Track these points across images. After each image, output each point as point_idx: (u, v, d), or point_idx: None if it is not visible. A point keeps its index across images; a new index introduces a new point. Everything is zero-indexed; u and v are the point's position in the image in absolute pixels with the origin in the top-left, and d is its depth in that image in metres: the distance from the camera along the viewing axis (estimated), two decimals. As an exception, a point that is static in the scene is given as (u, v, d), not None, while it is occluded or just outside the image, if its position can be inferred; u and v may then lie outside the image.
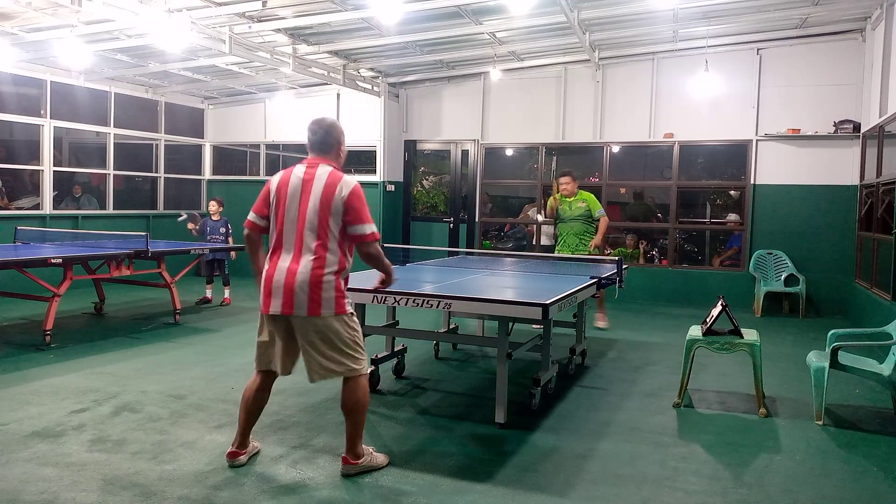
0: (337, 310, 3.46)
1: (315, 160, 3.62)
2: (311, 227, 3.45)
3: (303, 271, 3.42)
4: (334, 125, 3.71)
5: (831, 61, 9.41)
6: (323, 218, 3.45)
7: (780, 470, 3.86)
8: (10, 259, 6.29)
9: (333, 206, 3.45)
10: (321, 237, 3.45)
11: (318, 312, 3.43)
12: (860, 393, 5.41)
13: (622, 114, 10.46)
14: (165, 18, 7.04)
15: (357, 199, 3.49)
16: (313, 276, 3.42)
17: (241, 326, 7.73)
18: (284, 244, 3.51)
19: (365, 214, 3.51)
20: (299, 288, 3.41)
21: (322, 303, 3.43)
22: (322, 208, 3.45)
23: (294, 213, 3.50)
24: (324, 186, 3.48)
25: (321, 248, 3.44)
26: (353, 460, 3.61)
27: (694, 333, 5.02)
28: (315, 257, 3.44)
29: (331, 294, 3.44)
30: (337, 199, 3.46)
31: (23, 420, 4.37)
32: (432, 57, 10.15)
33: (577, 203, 7.71)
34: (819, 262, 9.55)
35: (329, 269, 3.45)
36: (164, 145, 12.06)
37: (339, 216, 3.47)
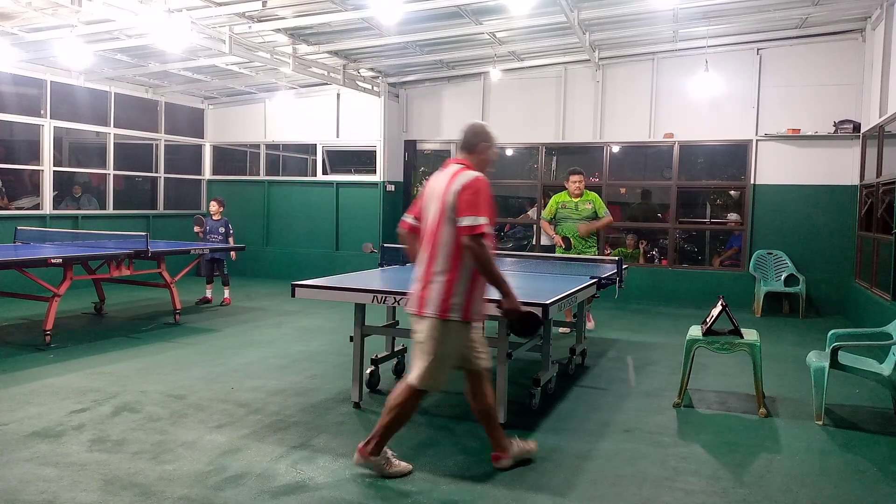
0: (439, 313, 3.41)
1: (454, 159, 3.62)
2: (431, 227, 3.48)
3: (419, 274, 3.49)
4: (480, 126, 3.65)
5: (831, 61, 9.41)
6: (440, 217, 3.41)
7: (780, 470, 3.86)
8: (10, 259, 6.29)
9: (447, 202, 3.37)
10: (436, 236, 3.43)
11: (422, 311, 3.45)
12: (860, 393, 5.41)
13: (622, 114, 10.46)
14: (165, 18, 7.04)
15: (468, 191, 3.33)
16: (424, 278, 3.46)
17: (241, 326, 7.73)
18: (422, 247, 3.56)
19: (473, 205, 3.30)
20: (415, 289, 3.51)
21: (427, 302, 3.43)
22: (441, 208, 3.40)
23: (427, 215, 3.55)
24: (445, 184, 3.43)
25: (435, 247, 3.43)
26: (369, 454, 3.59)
27: (694, 333, 5.01)
28: (428, 257, 3.45)
29: (437, 296, 3.40)
30: (451, 193, 3.37)
31: (23, 420, 4.37)
32: (432, 57, 10.15)
33: (583, 204, 7.58)
34: (819, 262, 9.55)
35: (438, 270, 3.41)
36: (164, 145, 12.06)
37: (451, 212, 3.36)
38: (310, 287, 4.69)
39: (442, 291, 3.39)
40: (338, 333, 7.26)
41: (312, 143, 12.08)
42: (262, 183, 12.40)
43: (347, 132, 11.79)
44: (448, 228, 3.37)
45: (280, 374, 5.67)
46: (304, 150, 12.51)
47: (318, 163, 12.00)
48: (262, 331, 7.52)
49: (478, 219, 3.30)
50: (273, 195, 12.33)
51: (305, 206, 12.10)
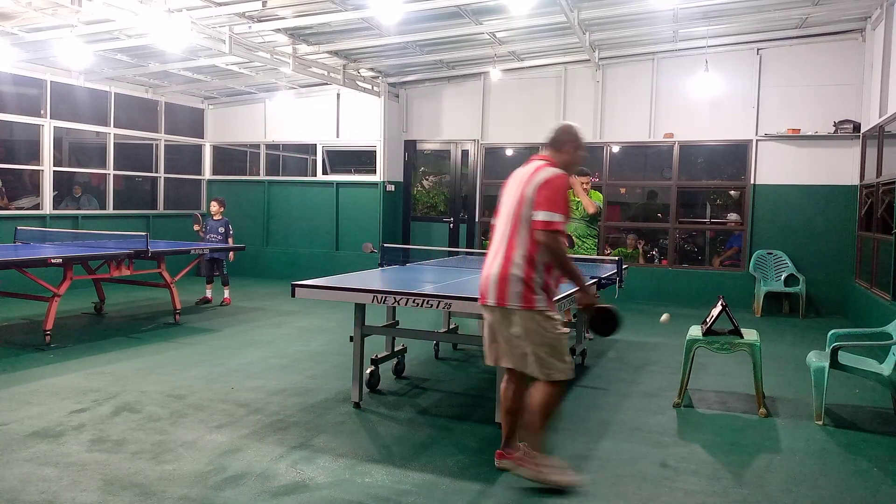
0: (524, 304, 3.38)
1: (538, 156, 3.62)
2: (507, 221, 3.47)
3: (494, 266, 3.46)
4: (571, 127, 3.64)
5: (831, 61, 9.41)
6: (518, 209, 3.40)
7: (780, 470, 3.86)
8: (10, 259, 6.29)
9: (526, 196, 3.37)
10: (512, 229, 3.42)
11: (504, 303, 3.41)
12: (860, 393, 5.41)
13: (622, 114, 10.46)
14: (165, 18, 7.04)
15: (548, 187, 3.34)
16: (501, 271, 3.42)
17: (241, 326, 7.73)
18: (494, 240, 3.58)
19: (552, 201, 3.31)
20: (493, 280, 3.45)
21: (509, 295, 3.39)
22: (519, 200, 3.40)
23: (502, 209, 3.56)
24: (526, 178, 3.44)
25: (511, 240, 3.42)
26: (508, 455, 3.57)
27: (694, 333, 5.02)
28: (506, 249, 3.43)
29: (518, 288, 3.37)
30: (531, 187, 3.37)
31: (23, 420, 4.37)
32: (432, 57, 10.15)
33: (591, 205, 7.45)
34: (819, 262, 9.55)
35: (516, 262, 3.38)
36: (164, 145, 12.06)
37: (530, 206, 3.36)
38: (310, 287, 4.69)
39: (523, 284, 3.37)
40: (338, 333, 7.26)
41: (312, 143, 12.08)
42: (262, 183, 12.40)
43: (347, 132, 11.79)
44: (526, 221, 3.37)
45: (280, 374, 5.67)
46: (304, 150, 12.51)
47: (318, 163, 12.01)
48: (262, 331, 7.52)
49: (554, 215, 3.32)
50: (273, 195, 12.33)
51: (305, 206, 12.10)
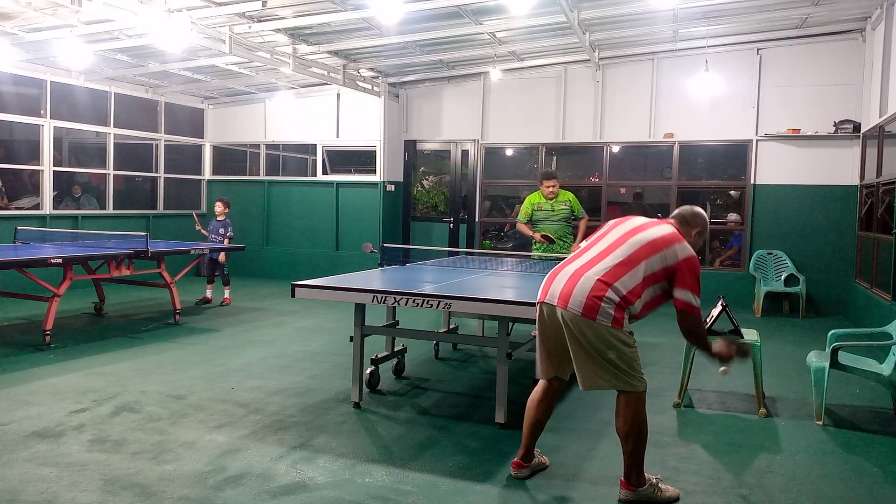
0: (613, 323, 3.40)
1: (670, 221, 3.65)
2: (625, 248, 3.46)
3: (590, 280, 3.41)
4: (703, 216, 3.75)
5: (831, 61, 9.41)
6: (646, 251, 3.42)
7: (780, 470, 3.86)
8: (10, 259, 6.28)
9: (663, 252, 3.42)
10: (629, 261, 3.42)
11: (591, 316, 3.38)
12: (860, 393, 5.41)
13: (622, 114, 10.46)
14: (165, 18, 7.04)
15: (693, 266, 3.49)
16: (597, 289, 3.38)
17: (241, 326, 7.73)
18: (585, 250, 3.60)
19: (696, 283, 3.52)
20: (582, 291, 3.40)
21: (599, 312, 3.37)
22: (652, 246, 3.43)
23: (619, 235, 3.54)
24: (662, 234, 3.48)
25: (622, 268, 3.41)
26: (632, 486, 3.44)
27: (694, 333, 5.00)
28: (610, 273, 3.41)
29: (610, 311, 3.38)
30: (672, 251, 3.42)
31: (23, 420, 4.37)
32: (432, 57, 10.15)
33: (559, 205, 7.35)
34: (819, 262, 9.55)
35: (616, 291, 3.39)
36: (164, 145, 12.06)
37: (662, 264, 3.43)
38: (310, 287, 4.69)
39: (616, 307, 3.37)
40: (338, 333, 7.26)
41: (312, 143, 12.08)
42: (262, 183, 12.40)
43: (347, 132, 11.79)
44: (649, 270, 3.39)
45: (280, 374, 5.67)
46: (304, 150, 12.51)
47: (318, 163, 12.00)
48: (262, 331, 7.52)
49: (698, 300, 3.48)
50: (273, 195, 12.33)
51: (305, 206, 12.10)
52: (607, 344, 3.38)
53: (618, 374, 3.44)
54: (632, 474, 3.44)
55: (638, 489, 3.42)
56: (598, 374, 3.44)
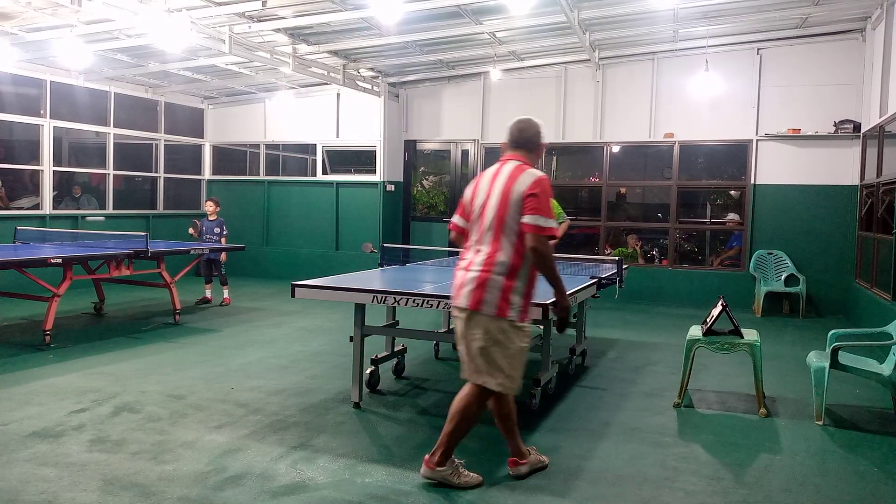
0: (497, 312, 3.31)
1: (507, 157, 3.53)
2: (489, 224, 3.37)
3: (473, 268, 3.37)
4: (528, 122, 3.57)
5: (831, 61, 9.41)
6: (500, 213, 3.32)
7: (780, 470, 3.86)
8: (10, 259, 6.28)
9: (512, 200, 3.30)
10: (496, 234, 3.34)
11: (478, 307, 3.32)
12: (860, 393, 5.41)
13: (622, 114, 10.46)
14: (165, 18, 7.04)
15: (537, 191, 3.29)
16: (480, 275, 3.33)
17: (241, 326, 7.73)
18: (470, 241, 3.49)
19: (542, 206, 3.28)
20: (469, 282, 3.36)
21: (484, 301, 3.31)
22: (501, 203, 3.32)
23: (478, 209, 3.44)
24: (506, 180, 3.36)
25: (494, 245, 3.34)
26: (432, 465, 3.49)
27: (694, 333, 5.01)
28: (488, 253, 3.34)
29: (494, 295, 3.30)
30: (516, 191, 3.30)
31: (23, 420, 4.37)
32: (432, 57, 10.15)
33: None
34: (819, 262, 9.55)
35: (497, 269, 3.31)
36: (163, 145, 12.06)
37: (517, 209, 3.29)
38: (310, 287, 4.69)
39: (502, 290, 3.30)
40: (338, 333, 7.26)
41: (312, 143, 12.07)
42: (262, 183, 12.40)
43: (347, 132, 11.78)
44: (512, 226, 3.30)
45: (280, 374, 5.66)
46: (304, 150, 12.51)
47: (318, 163, 12.00)
48: (262, 331, 7.51)
49: (547, 220, 3.29)
50: (273, 195, 12.32)
51: (305, 206, 12.10)
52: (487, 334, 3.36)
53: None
54: (438, 452, 3.47)
55: (436, 468, 3.47)
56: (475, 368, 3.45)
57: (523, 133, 3.53)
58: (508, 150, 3.55)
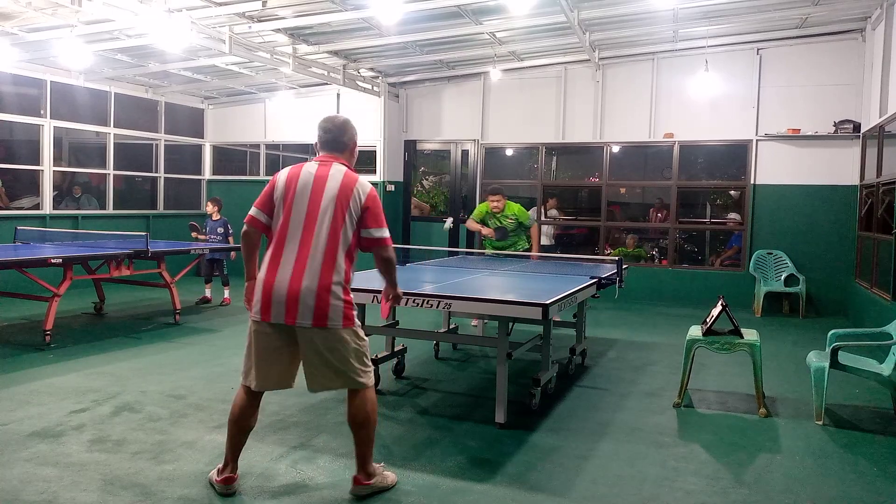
0: (344, 322, 3.20)
1: (327, 158, 3.37)
2: (321, 231, 3.18)
3: (309, 278, 3.15)
4: (347, 123, 3.47)
5: (831, 61, 9.41)
6: (336, 221, 3.19)
7: (780, 470, 3.86)
8: (10, 259, 6.28)
9: (350, 209, 3.21)
10: (331, 242, 3.18)
11: (324, 323, 3.16)
12: (860, 393, 5.41)
13: (622, 114, 10.46)
14: (165, 18, 7.04)
15: (375, 202, 3.28)
16: (321, 283, 3.15)
17: (241, 326, 7.72)
18: (287, 246, 3.21)
19: (382, 218, 3.30)
20: (304, 296, 3.14)
21: (329, 314, 3.16)
22: (337, 211, 3.19)
23: (302, 213, 3.21)
24: (339, 187, 3.22)
25: (331, 253, 3.17)
26: (366, 480, 3.35)
27: (694, 333, 5.01)
28: (323, 263, 3.16)
29: (339, 304, 3.18)
30: (354, 201, 3.22)
31: (23, 420, 4.37)
32: (432, 57, 10.15)
33: (506, 219, 7.60)
34: (819, 262, 9.55)
35: (337, 276, 3.18)
36: (164, 145, 12.06)
37: (354, 220, 3.23)
38: (310, 287, 4.68)
39: (344, 300, 3.20)
40: (338, 333, 7.24)
41: (312, 143, 12.04)
42: (263, 183, 12.34)
43: (347, 132, 11.75)
44: (347, 234, 3.22)
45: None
46: (304, 150, 12.51)
47: (318, 163, 11.98)
48: (262, 331, 7.50)
49: (386, 230, 3.32)
50: (273, 195, 12.30)
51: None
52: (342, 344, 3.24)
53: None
54: (367, 464, 3.35)
55: (372, 481, 3.36)
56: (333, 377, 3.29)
57: (343, 136, 3.44)
58: (328, 152, 3.42)
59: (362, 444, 3.34)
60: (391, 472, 3.54)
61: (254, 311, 3.27)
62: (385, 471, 3.50)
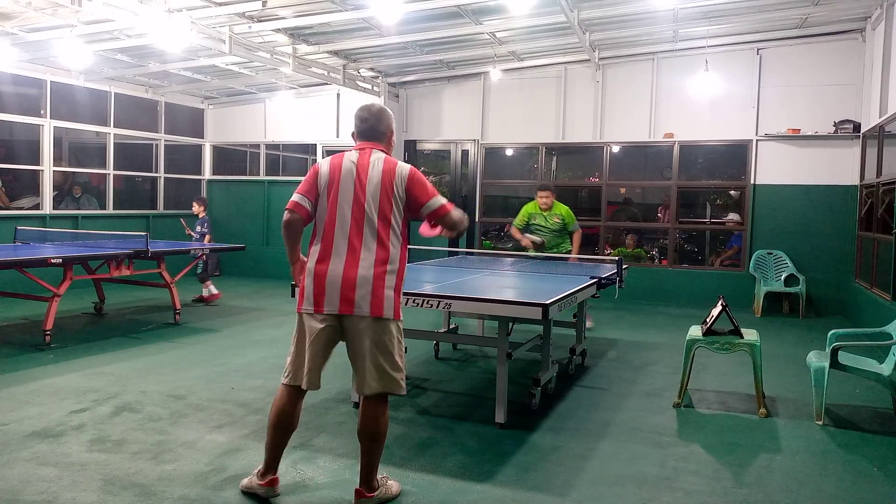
0: (395, 314, 3.17)
1: (367, 145, 3.30)
2: (371, 219, 3.14)
3: (365, 266, 3.10)
4: (384, 111, 3.39)
5: (831, 61, 9.41)
6: (384, 209, 3.15)
7: (780, 470, 3.86)
8: (10, 259, 6.28)
9: (395, 195, 3.17)
10: (382, 230, 3.15)
11: (380, 313, 3.11)
12: (860, 393, 5.41)
13: (622, 114, 10.47)
14: (165, 18, 7.04)
15: (418, 177, 3.23)
16: (376, 272, 3.11)
17: (241, 326, 7.73)
18: (337, 235, 3.15)
19: (431, 187, 3.25)
20: (361, 284, 3.08)
21: (384, 304, 3.12)
22: (383, 198, 3.15)
23: (349, 202, 3.15)
24: (382, 174, 3.17)
25: (383, 241, 3.14)
26: (369, 493, 3.25)
27: (694, 333, 5.01)
28: (377, 252, 3.13)
29: (391, 294, 3.14)
30: (397, 186, 3.18)
31: (23, 420, 4.37)
32: (432, 57, 10.15)
33: (552, 217, 7.67)
34: (819, 262, 9.55)
35: (392, 266, 3.16)
36: (164, 145, 12.06)
37: (401, 205, 3.20)
38: (310, 287, 4.68)
39: (395, 289, 3.17)
40: (338, 333, 7.25)
41: (312, 143, 12.08)
42: (262, 183, 12.40)
43: (347, 132, 11.65)
44: (397, 220, 3.20)
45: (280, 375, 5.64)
46: (304, 150, 12.51)
47: (319, 163, 11.99)
48: (262, 331, 7.51)
49: (440, 198, 3.27)
50: (273, 195, 12.32)
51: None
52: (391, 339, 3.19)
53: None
54: (371, 478, 3.25)
55: (376, 493, 3.27)
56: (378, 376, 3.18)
57: (380, 125, 3.36)
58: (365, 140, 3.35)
59: (373, 457, 3.23)
60: (395, 482, 3.43)
61: (305, 304, 3.18)
62: (389, 481, 3.40)
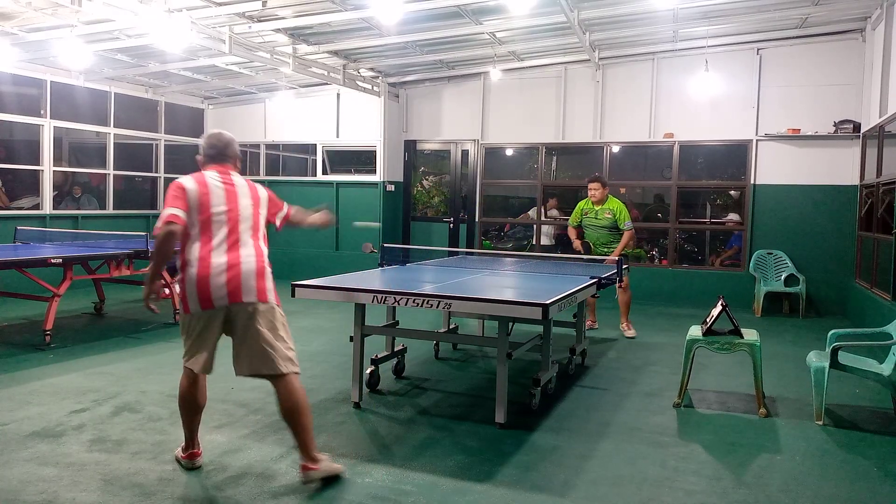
0: (277, 299, 3.67)
1: (223, 168, 3.75)
2: (245, 224, 3.66)
3: (247, 262, 3.58)
4: (233, 140, 3.90)
5: (831, 61, 9.41)
6: (256, 215, 3.73)
7: (780, 470, 3.86)
8: (10, 259, 6.28)
9: (261, 204, 3.79)
10: (255, 232, 3.72)
11: (265, 299, 3.58)
12: (860, 393, 5.41)
13: (622, 114, 10.46)
14: (165, 18, 7.04)
15: (269, 191, 3.98)
16: (258, 266, 3.62)
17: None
18: (216, 240, 3.54)
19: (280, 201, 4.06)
20: (246, 276, 3.53)
21: (267, 291, 3.61)
22: (254, 207, 3.73)
23: (223, 212, 3.57)
24: (248, 188, 3.75)
25: (257, 241, 3.72)
26: (314, 465, 3.50)
27: (694, 333, 5.01)
28: (255, 248, 3.68)
29: (271, 284, 3.67)
30: (262, 197, 3.83)
31: (23, 420, 4.37)
32: (432, 57, 10.15)
33: (603, 213, 7.52)
34: (819, 262, 9.55)
35: (265, 261, 3.72)
36: (163, 145, 12.06)
37: (265, 211, 3.85)
38: (310, 287, 4.71)
39: (271, 280, 3.69)
40: (338, 333, 7.26)
41: (312, 143, 12.07)
42: (262, 183, 12.33)
43: (347, 132, 11.78)
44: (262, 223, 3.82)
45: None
46: (304, 150, 12.51)
47: (318, 163, 12.00)
48: (262, 331, 7.50)
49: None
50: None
51: (305, 206, 11.92)
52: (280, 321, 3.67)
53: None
54: (310, 449, 3.52)
55: (321, 465, 3.53)
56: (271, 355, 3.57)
57: (230, 150, 3.84)
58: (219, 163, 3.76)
59: (303, 432, 3.53)
60: (339, 465, 3.64)
61: (192, 308, 3.49)
62: (333, 463, 3.63)
